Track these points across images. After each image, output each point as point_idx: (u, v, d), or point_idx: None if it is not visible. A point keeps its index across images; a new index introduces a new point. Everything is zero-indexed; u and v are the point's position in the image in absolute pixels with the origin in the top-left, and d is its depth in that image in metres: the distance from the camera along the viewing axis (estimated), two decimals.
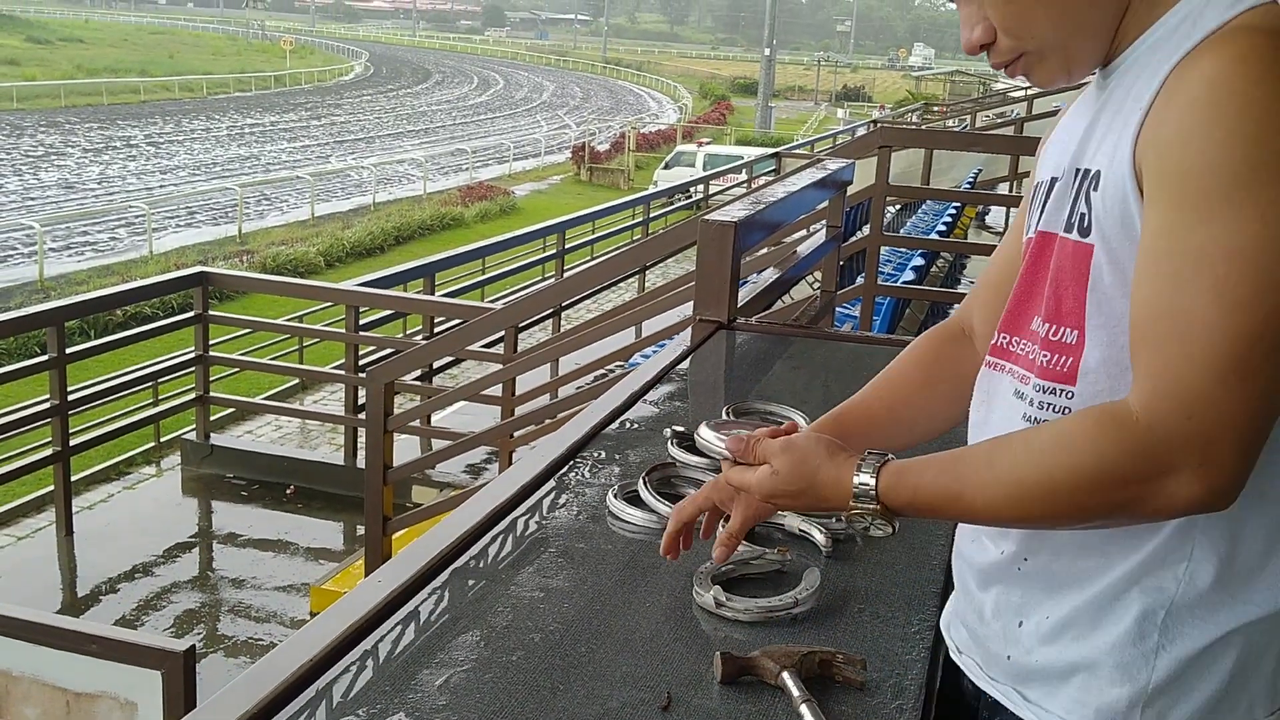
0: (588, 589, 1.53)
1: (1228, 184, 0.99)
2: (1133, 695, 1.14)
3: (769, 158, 18.48)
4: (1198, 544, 1.11)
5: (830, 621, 1.46)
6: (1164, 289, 1.02)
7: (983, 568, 1.28)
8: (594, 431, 2.15)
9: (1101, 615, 1.16)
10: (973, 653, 1.31)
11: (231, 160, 33.37)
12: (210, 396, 7.30)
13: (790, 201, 3.54)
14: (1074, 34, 1.14)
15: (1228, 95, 0.99)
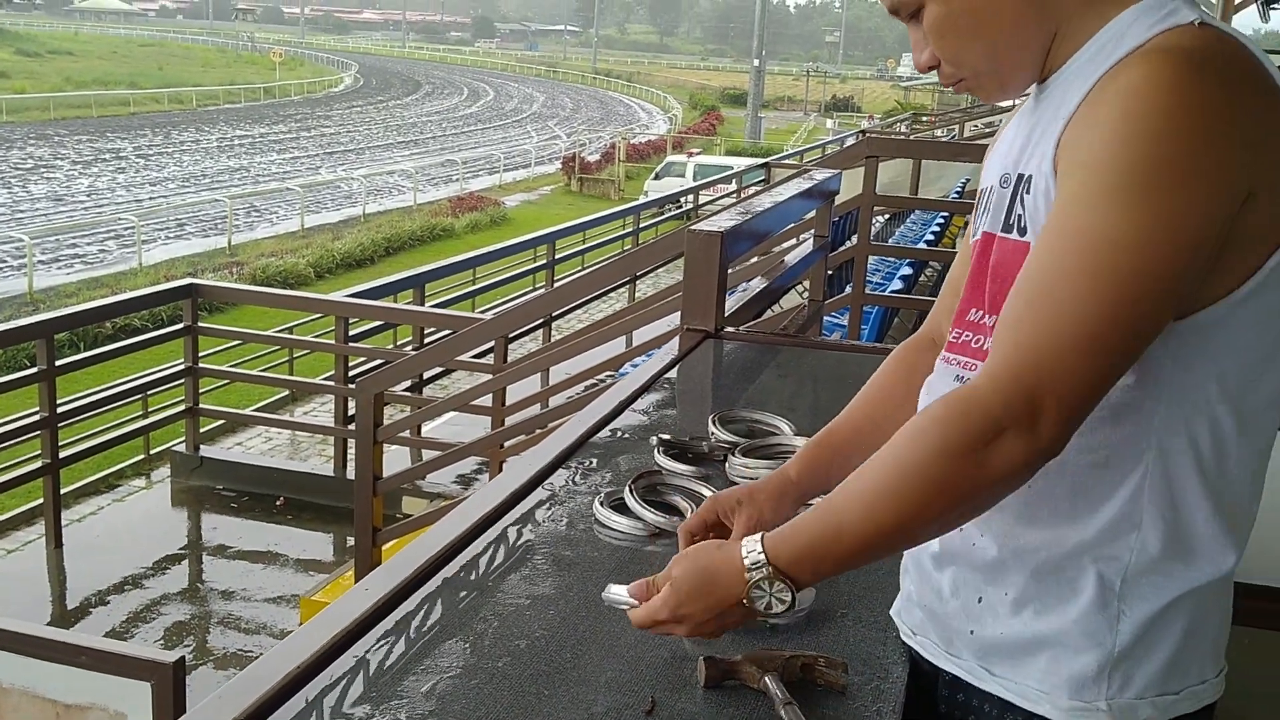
0: (573, 596, 1.54)
1: (1123, 179, 1.06)
2: (1100, 661, 1.21)
3: (758, 168, 18.55)
4: (1146, 513, 1.19)
5: (813, 627, 1.47)
6: (1045, 264, 1.10)
7: (940, 552, 1.33)
8: (581, 440, 2.17)
9: (1061, 587, 1.22)
10: (928, 632, 1.36)
11: (221, 172, 33.35)
12: (200, 408, 7.30)
13: (777, 211, 3.57)
14: (1003, 63, 1.24)
15: (1137, 101, 1.07)
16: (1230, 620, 1.29)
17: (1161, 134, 1.05)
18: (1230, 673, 1.28)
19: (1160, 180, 1.05)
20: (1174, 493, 1.18)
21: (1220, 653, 1.27)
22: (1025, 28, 1.21)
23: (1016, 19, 1.21)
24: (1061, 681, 1.23)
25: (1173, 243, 1.06)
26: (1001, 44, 1.22)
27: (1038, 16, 1.21)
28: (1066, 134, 1.14)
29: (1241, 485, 1.22)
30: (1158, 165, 1.05)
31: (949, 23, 1.22)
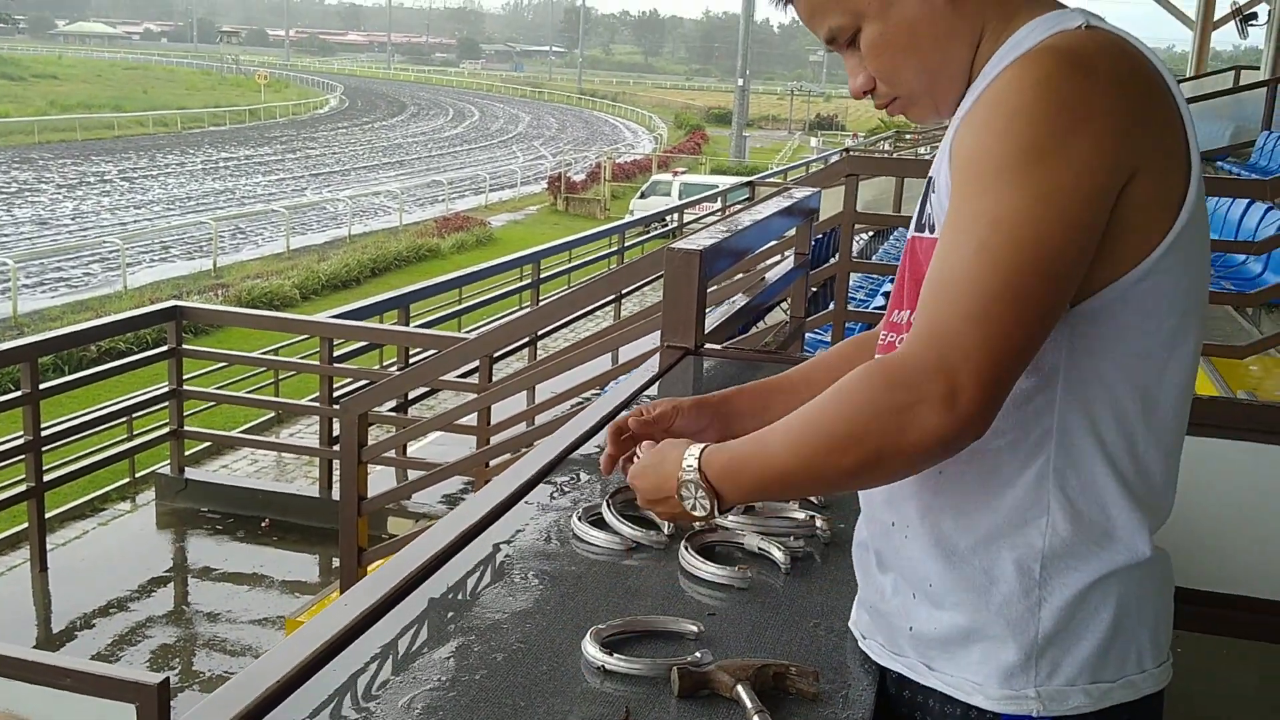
0: (550, 609, 1.56)
1: (1001, 164, 1.13)
2: (1026, 649, 1.24)
3: (743, 186, 18.63)
4: (1053, 497, 1.23)
5: (786, 636, 1.50)
6: (943, 251, 1.16)
7: (879, 549, 1.38)
8: (561, 457, 2.19)
9: (980, 575, 1.26)
10: (875, 635, 1.40)
11: (206, 194, 33.35)
12: (184, 430, 7.29)
13: (756, 230, 3.60)
14: (935, 81, 1.30)
15: (1012, 94, 1.14)
16: (1171, 612, 1.32)
17: (1032, 118, 1.12)
18: (1175, 679, 1.30)
19: (1034, 160, 1.12)
20: (1080, 477, 1.23)
21: (1161, 644, 1.29)
22: (954, 43, 1.28)
23: (948, 35, 1.27)
24: (992, 671, 1.26)
25: (1053, 217, 1.11)
26: (934, 60, 1.29)
27: (965, 32, 1.27)
28: (957, 135, 1.21)
29: (1153, 470, 1.26)
30: (1031, 147, 1.12)
31: (885, 40, 1.28)
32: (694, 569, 1.67)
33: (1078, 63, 1.14)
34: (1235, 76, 16.59)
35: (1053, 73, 1.13)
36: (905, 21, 1.26)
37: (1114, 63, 1.16)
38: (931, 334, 1.12)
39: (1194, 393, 1.31)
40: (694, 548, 1.72)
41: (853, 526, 1.49)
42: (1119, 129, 1.13)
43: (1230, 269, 7.13)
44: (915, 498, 1.30)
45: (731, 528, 1.79)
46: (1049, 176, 1.11)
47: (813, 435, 1.18)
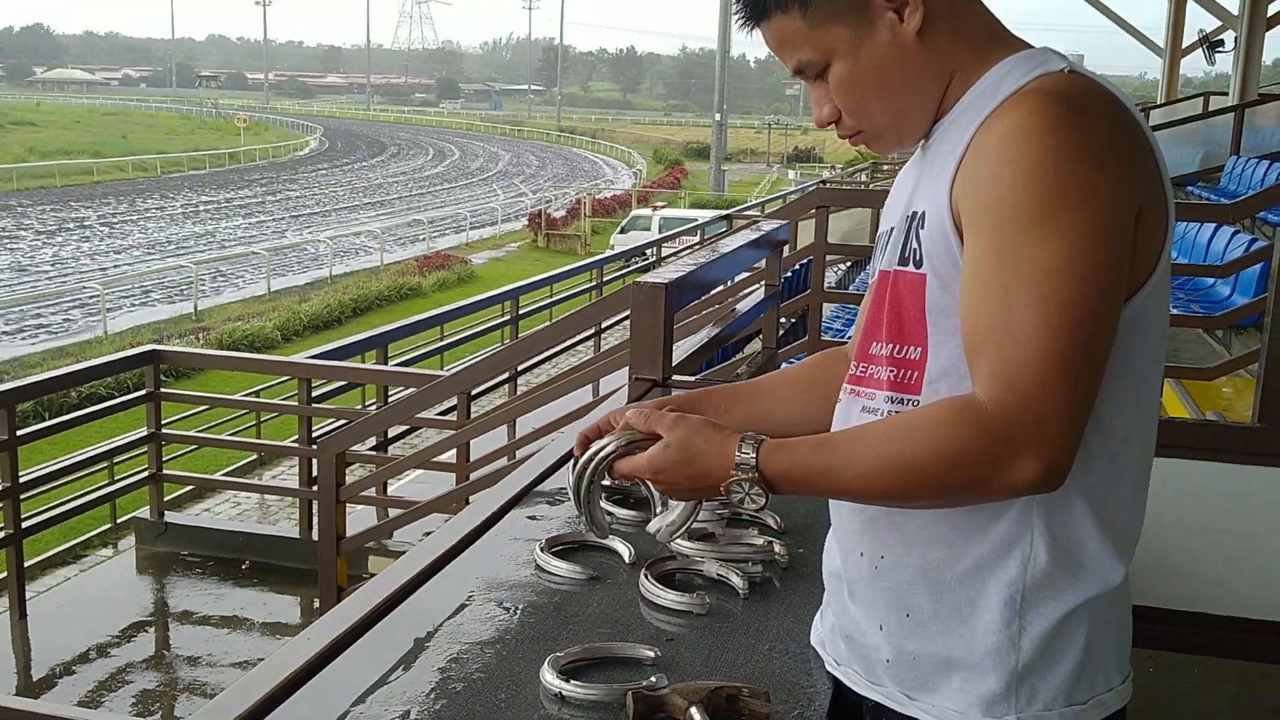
0: (511, 638, 1.59)
1: (1036, 214, 1.16)
2: (1007, 678, 1.27)
3: (721, 219, 18.74)
4: (1035, 529, 1.25)
5: (742, 659, 1.52)
6: (996, 302, 1.17)
7: (843, 573, 1.40)
8: (527, 489, 2.22)
9: (963, 606, 1.28)
10: (852, 663, 1.41)
11: (186, 238, 33.32)
12: (163, 474, 7.27)
13: (724, 262, 3.65)
14: (903, 116, 1.34)
15: (1025, 142, 1.17)
16: (1130, 627, 1.36)
17: (1056, 165, 1.15)
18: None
19: (1069, 206, 1.15)
20: (1059, 508, 1.25)
21: (1124, 660, 1.34)
22: (924, 81, 1.31)
23: (918, 73, 1.30)
24: (974, 700, 1.29)
25: (1100, 260, 1.15)
26: (903, 97, 1.32)
27: (936, 70, 1.30)
28: (960, 178, 1.23)
29: (1126, 498, 1.30)
30: (1061, 193, 1.15)
31: (854, 78, 1.31)
32: (654, 596, 1.69)
33: (1076, 106, 1.18)
34: (1204, 102, 16.81)
35: (1059, 118, 1.17)
36: (875, 60, 1.29)
37: (1104, 106, 1.21)
38: (1020, 387, 1.14)
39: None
40: (654, 575, 1.75)
41: (811, 550, 1.52)
42: (1127, 167, 1.19)
43: (1199, 292, 7.21)
44: (898, 529, 1.32)
45: (691, 555, 1.82)
46: (1086, 220, 1.15)
47: (891, 466, 1.19)
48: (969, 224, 1.21)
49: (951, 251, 1.25)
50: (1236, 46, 15.70)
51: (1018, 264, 1.16)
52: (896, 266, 1.32)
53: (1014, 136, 1.18)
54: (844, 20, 1.28)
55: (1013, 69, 1.27)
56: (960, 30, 1.30)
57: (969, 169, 1.22)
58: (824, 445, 1.26)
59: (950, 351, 1.26)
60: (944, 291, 1.26)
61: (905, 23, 1.28)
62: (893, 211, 1.39)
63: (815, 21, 1.29)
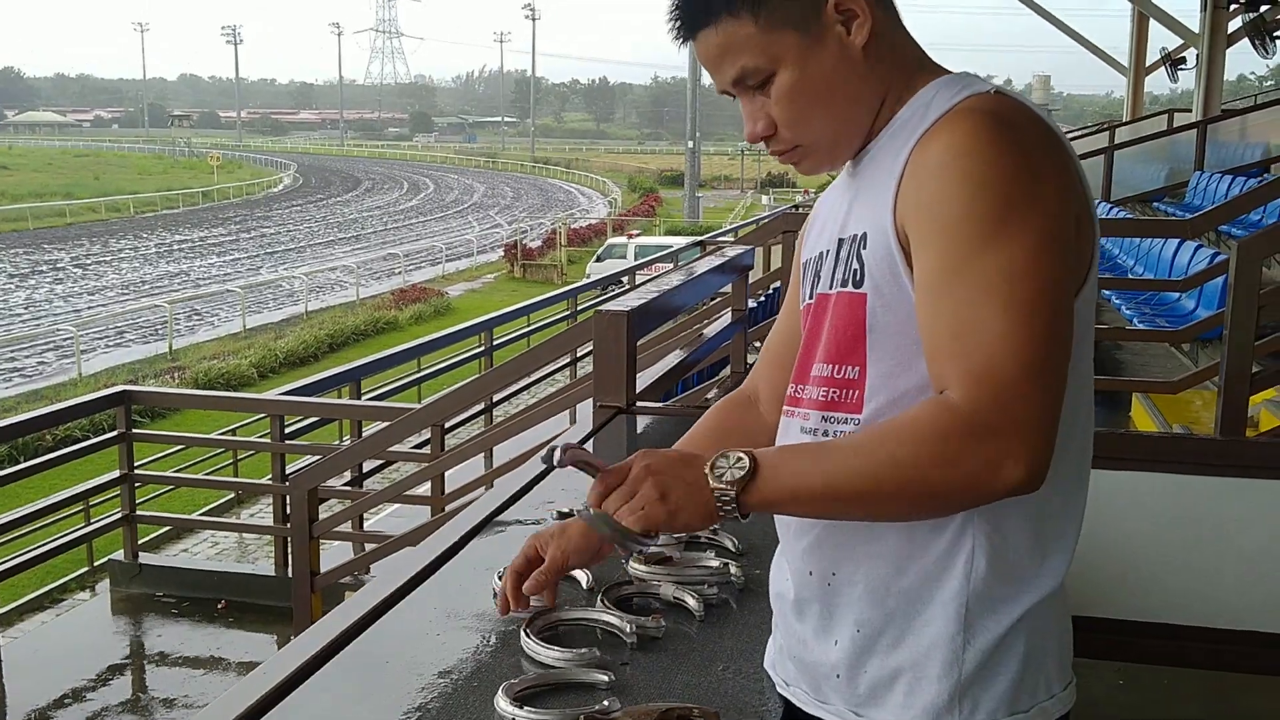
0: (468, 667, 1.59)
1: (989, 225, 1.18)
2: (951, 689, 1.28)
3: (694, 245, 18.83)
4: (976, 542, 1.27)
5: (695, 681, 1.53)
6: (960, 310, 1.19)
7: (793, 593, 1.40)
8: (488, 519, 2.22)
9: (908, 620, 1.30)
10: (800, 682, 1.41)
11: (161, 278, 33.20)
12: (137, 516, 7.23)
13: (687, 288, 3.68)
14: (841, 131, 1.35)
15: (967, 159, 1.20)
16: (1070, 634, 1.38)
17: (1001, 178, 1.19)
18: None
19: (1017, 214, 1.18)
20: (998, 517, 1.27)
21: (1065, 667, 1.35)
22: (864, 97, 1.33)
23: (860, 88, 1.32)
24: (919, 713, 1.30)
25: (1054, 261, 1.19)
26: (844, 111, 1.33)
27: (874, 87, 1.32)
28: (902, 198, 1.25)
29: (1061, 505, 1.31)
30: (1010, 203, 1.18)
31: (800, 89, 1.30)
32: (610, 620, 1.70)
33: (1008, 123, 1.22)
34: (1169, 119, 17.03)
35: (997, 135, 1.20)
36: (822, 71, 1.29)
37: (1032, 122, 1.24)
38: (995, 390, 1.15)
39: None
40: (611, 600, 1.76)
41: (769, 571, 1.53)
42: (1063, 177, 1.22)
43: (1165, 306, 7.28)
44: (846, 547, 1.32)
45: (647, 578, 1.83)
46: (1036, 227, 1.18)
47: (876, 474, 1.18)
48: (919, 242, 1.23)
49: (896, 271, 1.26)
50: (1198, 64, 15.92)
51: (976, 273, 1.18)
52: (836, 289, 1.33)
53: (955, 154, 1.20)
54: (795, 27, 1.28)
55: (939, 91, 1.29)
56: (896, 51, 1.33)
57: (910, 189, 1.24)
58: (801, 450, 1.28)
59: (889, 368, 1.28)
60: (885, 310, 1.28)
61: (852, 36, 1.29)
62: (821, 236, 1.40)
63: (766, 26, 1.28)
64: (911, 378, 1.27)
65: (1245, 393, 4.10)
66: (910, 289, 1.25)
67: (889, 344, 1.28)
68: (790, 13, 1.28)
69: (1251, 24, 14.51)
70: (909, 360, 1.27)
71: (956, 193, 1.19)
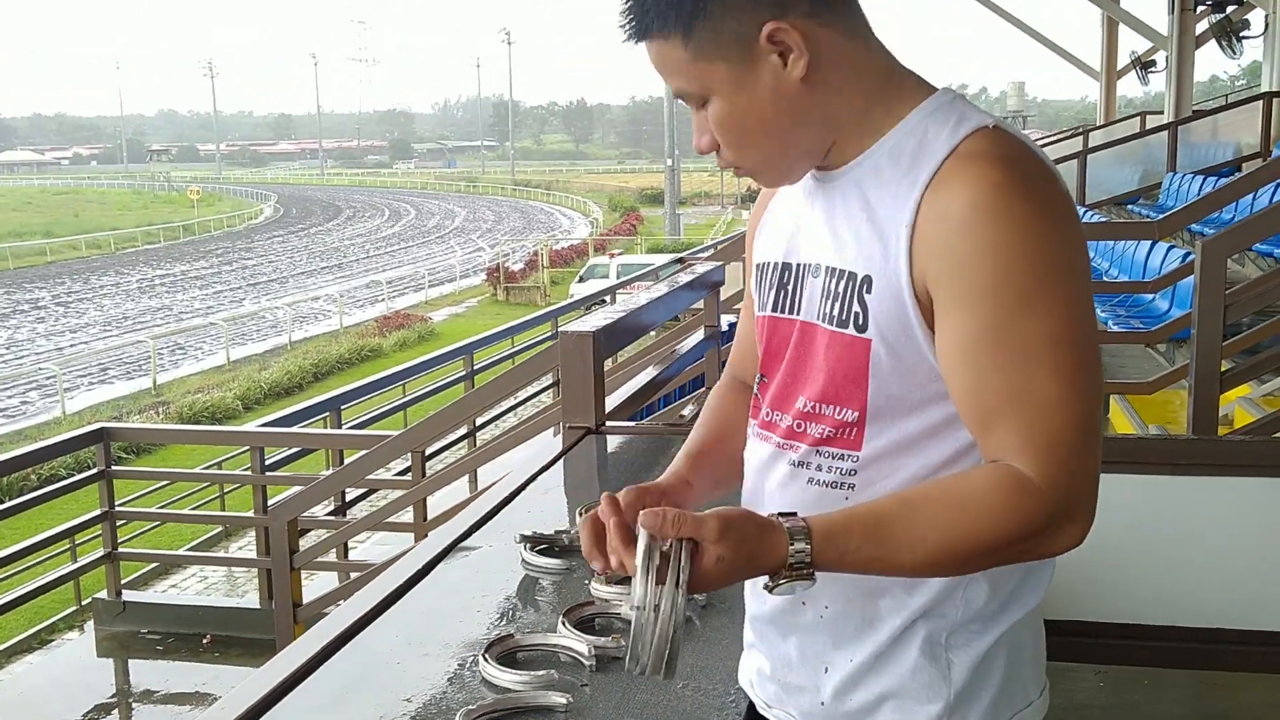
0: (427, 694, 1.59)
1: (1030, 287, 1.17)
2: (941, 708, 1.28)
3: (675, 262, 18.87)
4: (974, 575, 1.27)
5: (654, 700, 1.54)
6: (1009, 375, 1.18)
7: (778, 618, 1.37)
8: (455, 542, 2.22)
9: (894, 649, 1.29)
10: (785, 705, 1.39)
11: (143, 313, 33.10)
12: (120, 553, 7.19)
13: (654, 306, 3.68)
14: (782, 158, 1.30)
15: (999, 217, 1.17)
16: (1044, 642, 1.38)
17: (1037, 239, 1.17)
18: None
19: (1058, 276, 1.18)
20: None
21: (1041, 673, 1.37)
22: (808, 126, 1.26)
23: (800, 118, 1.25)
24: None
25: (1089, 325, 1.20)
26: (782, 140, 1.27)
27: (822, 115, 1.26)
28: (922, 252, 1.21)
29: None
30: (1051, 265, 1.18)
31: (731, 118, 1.26)
32: (571, 642, 1.70)
33: (1028, 173, 1.20)
34: (1141, 122, 17.14)
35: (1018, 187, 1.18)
36: (755, 103, 1.24)
37: (1038, 164, 1.22)
38: (1062, 459, 1.16)
39: None
40: (572, 622, 1.76)
41: (731, 589, 1.53)
42: (1078, 224, 1.22)
43: (1139, 308, 7.32)
44: (839, 582, 1.28)
45: (609, 598, 1.83)
46: (1075, 288, 1.19)
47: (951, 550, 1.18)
48: (950, 302, 1.20)
49: (908, 323, 1.24)
50: (1168, 66, 16.05)
51: (1022, 337, 1.17)
52: (834, 327, 1.29)
53: (983, 212, 1.18)
54: (725, 57, 1.23)
55: (932, 121, 1.25)
56: (854, 73, 1.27)
57: (933, 245, 1.20)
58: (876, 532, 1.20)
59: (891, 413, 1.27)
60: (890, 357, 1.25)
61: (789, 69, 1.23)
62: (778, 243, 1.37)
63: (696, 53, 1.24)
64: (913, 423, 1.27)
65: (1215, 391, 4.12)
66: (922, 340, 1.24)
67: (892, 390, 1.26)
68: (720, 42, 1.23)
69: (1218, 25, 14.64)
70: (911, 407, 1.26)
71: (993, 254, 1.17)
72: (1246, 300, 4.50)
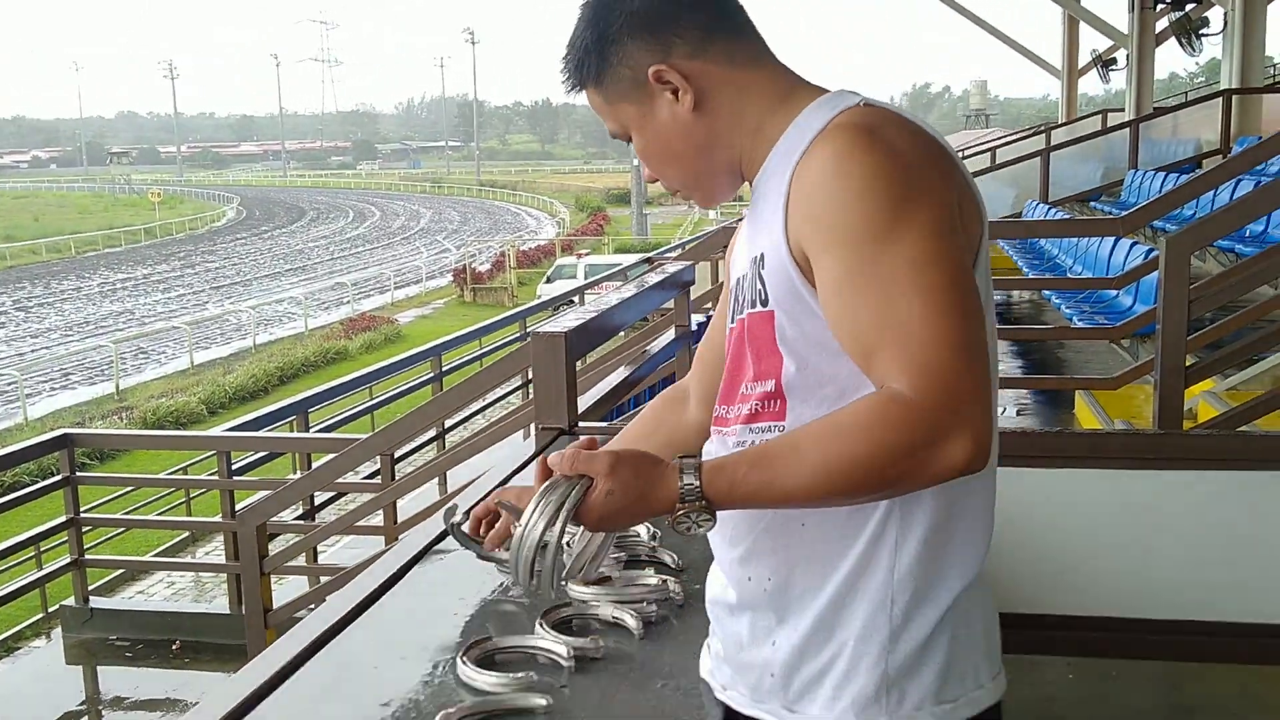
0: (405, 698, 1.59)
1: (883, 222, 1.24)
2: (878, 681, 1.31)
3: (643, 262, 18.88)
4: (898, 532, 1.31)
5: (633, 699, 1.54)
6: (878, 306, 1.23)
7: (729, 599, 1.43)
8: (428, 548, 2.21)
9: (836, 618, 1.33)
10: (737, 685, 1.43)
11: (105, 317, 32.79)
12: (86, 560, 7.12)
13: (626, 306, 3.68)
14: (700, 180, 1.47)
15: (849, 166, 1.26)
16: (997, 624, 1.40)
17: (883, 177, 1.24)
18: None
19: (907, 207, 1.23)
20: (915, 506, 1.31)
21: (994, 656, 1.39)
22: (710, 149, 1.42)
23: (702, 143, 1.42)
24: (848, 706, 1.33)
25: (951, 245, 1.24)
26: (691, 164, 1.44)
27: (722, 138, 1.41)
28: (791, 216, 1.30)
29: (974, 485, 1.33)
30: (898, 198, 1.24)
31: (647, 150, 1.45)
32: (549, 643, 1.70)
33: (883, 129, 1.28)
34: (1103, 119, 17.31)
35: (871, 140, 1.26)
36: (659, 135, 1.42)
37: (900, 124, 1.30)
38: (934, 373, 1.19)
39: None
40: (549, 623, 1.76)
41: (705, 586, 1.54)
42: (938, 166, 1.28)
43: (1104, 304, 7.38)
44: (777, 553, 1.36)
45: (587, 599, 1.84)
46: (927, 215, 1.23)
47: (829, 469, 1.20)
48: (818, 251, 1.27)
49: (794, 286, 1.31)
50: (1129, 64, 16.22)
51: (883, 268, 1.23)
52: (749, 309, 1.39)
53: (835, 165, 1.26)
54: (629, 99, 1.42)
55: (813, 113, 1.36)
56: (743, 95, 1.40)
57: (798, 207, 1.30)
58: (761, 459, 1.26)
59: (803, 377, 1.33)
60: (791, 324, 1.33)
61: (679, 102, 1.40)
62: (740, 262, 1.45)
63: (608, 98, 1.44)
64: (828, 385, 1.32)
65: (1180, 386, 4.17)
66: (812, 301, 1.30)
67: (800, 354, 1.33)
68: (623, 88, 1.42)
69: (1178, 23, 14.78)
70: (820, 365, 1.32)
71: (845, 200, 1.25)
72: (1210, 295, 4.55)
